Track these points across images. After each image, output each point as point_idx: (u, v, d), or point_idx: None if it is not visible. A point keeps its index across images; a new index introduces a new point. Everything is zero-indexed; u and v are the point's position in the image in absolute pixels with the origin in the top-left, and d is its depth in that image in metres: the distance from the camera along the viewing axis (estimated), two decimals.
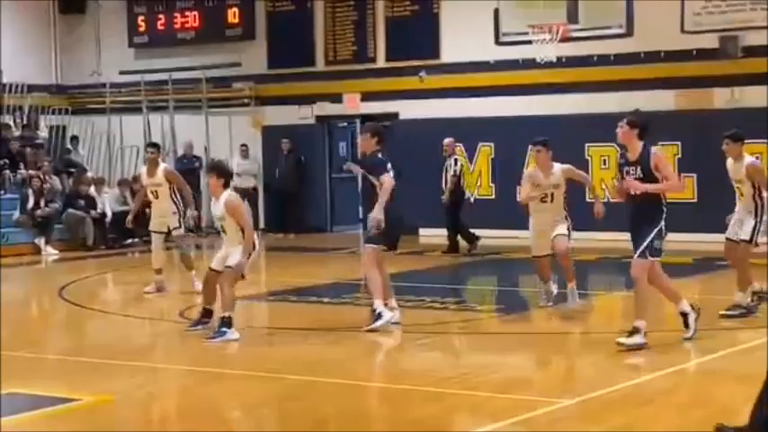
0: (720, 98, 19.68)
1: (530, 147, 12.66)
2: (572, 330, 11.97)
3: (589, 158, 20.66)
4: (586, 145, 20.53)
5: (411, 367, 10.06)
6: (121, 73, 25.81)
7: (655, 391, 8.78)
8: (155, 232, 14.96)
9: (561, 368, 10.14)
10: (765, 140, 19.20)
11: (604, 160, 20.51)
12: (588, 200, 15.12)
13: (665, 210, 10.11)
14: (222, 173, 11.30)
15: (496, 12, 21.33)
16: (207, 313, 11.57)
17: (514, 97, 21.21)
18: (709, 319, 11.14)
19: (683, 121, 19.60)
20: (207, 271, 11.64)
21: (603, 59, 20.60)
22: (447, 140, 19.29)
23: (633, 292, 10.32)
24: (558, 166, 12.69)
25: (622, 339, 10.00)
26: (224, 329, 10.98)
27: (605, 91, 20.37)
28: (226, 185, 11.24)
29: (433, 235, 20.41)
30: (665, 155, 9.76)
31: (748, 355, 10.07)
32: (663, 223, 10.03)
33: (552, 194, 12.61)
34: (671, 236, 10.44)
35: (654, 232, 9.95)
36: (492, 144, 21.47)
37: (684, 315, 10.40)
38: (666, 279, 10.39)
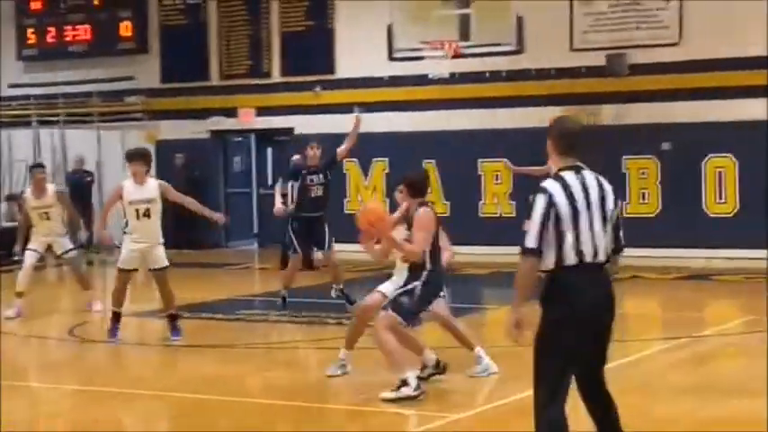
0: (608, 115, 20.07)
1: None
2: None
3: (482, 174, 20.94)
4: (479, 161, 20.81)
5: (306, 384, 10.11)
6: (10, 86, 25.44)
7: None
8: (31, 250, 14.72)
9: (456, 381, 10.25)
10: (651, 156, 19.68)
11: (497, 175, 20.80)
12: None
13: (426, 272, 9.34)
14: (147, 159, 12.42)
15: (390, 28, 21.52)
16: (117, 317, 12.28)
17: (408, 113, 21.40)
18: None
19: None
20: (119, 273, 12.16)
21: (495, 76, 20.89)
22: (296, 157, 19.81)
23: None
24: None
25: (386, 395, 9.06)
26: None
27: (497, 107, 20.66)
28: (148, 171, 12.37)
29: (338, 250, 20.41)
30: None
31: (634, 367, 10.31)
32: (419, 285, 9.30)
33: None
34: None
35: (404, 289, 9.34)
36: (386, 159, 21.63)
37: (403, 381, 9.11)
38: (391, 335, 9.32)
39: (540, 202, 6.08)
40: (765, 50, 18.78)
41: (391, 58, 21.68)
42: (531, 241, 6.03)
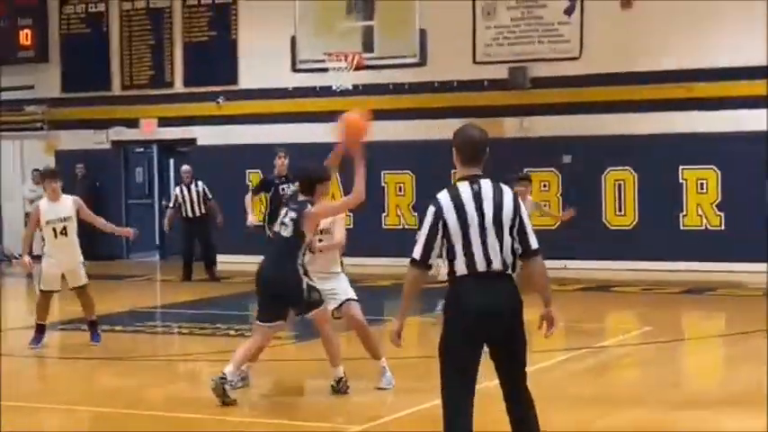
0: (510, 127, 20.30)
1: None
2: (364, 355, 12.12)
3: (385, 185, 21.01)
4: (383, 172, 20.87)
5: (205, 395, 10.03)
6: None
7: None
8: None
9: (356, 393, 10.26)
10: (552, 169, 19.93)
11: (400, 187, 20.90)
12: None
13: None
14: (59, 177, 12.68)
15: (293, 39, 21.50)
16: (41, 328, 12.37)
17: (312, 124, 21.37)
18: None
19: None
20: (41, 294, 12.32)
21: (398, 88, 20.99)
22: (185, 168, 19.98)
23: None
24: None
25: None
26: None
27: (400, 119, 20.75)
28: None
29: (231, 261, 20.36)
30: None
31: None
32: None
33: None
34: None
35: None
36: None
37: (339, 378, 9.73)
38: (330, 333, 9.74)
39: (429, 214, 6.17)
40: (661, 66, 19.14)
41: (295, 70, 21.67)
42: (416, 252, 6.14)
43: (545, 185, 20.01)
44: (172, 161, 24.19)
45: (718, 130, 18.84)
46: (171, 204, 20.02)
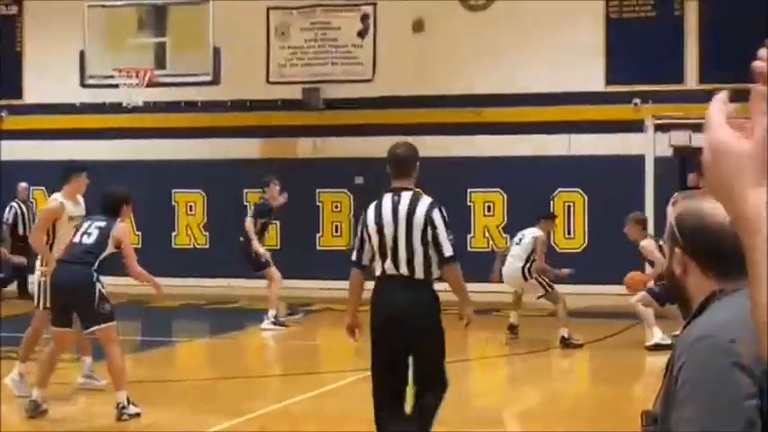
0: (303, 148, 20.31)
1: None
2: (153, 377, 11.90)
3: (175, 204, 20.72)
4: (173, 191, 20.58)
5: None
6: None
7: None
8: None
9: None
10: (344, 189, 20.03)
11: (191, 206, 20.66)
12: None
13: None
14: None
15: (82, 54, 21.00)
16: None
17: (102, 141, 20.91)
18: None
19: (268, 168, 20.07)
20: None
21: (191, 106, 20.75)
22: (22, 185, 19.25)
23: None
24: None
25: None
26: None
27: (192, 137, 20.52)
28: None
29: None
30: None
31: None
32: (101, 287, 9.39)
33: None
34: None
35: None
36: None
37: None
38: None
39: (360, 222, 7.15)
40: (453, 90, 19.49)
41: (83, 85, 21.15)
42: (353, 255, 7.08)
43: (337, 206, 20.10)
44: None
45: (504, 153, 19.30)
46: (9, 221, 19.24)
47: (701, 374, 2.30)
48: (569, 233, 19.02)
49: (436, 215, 6.93)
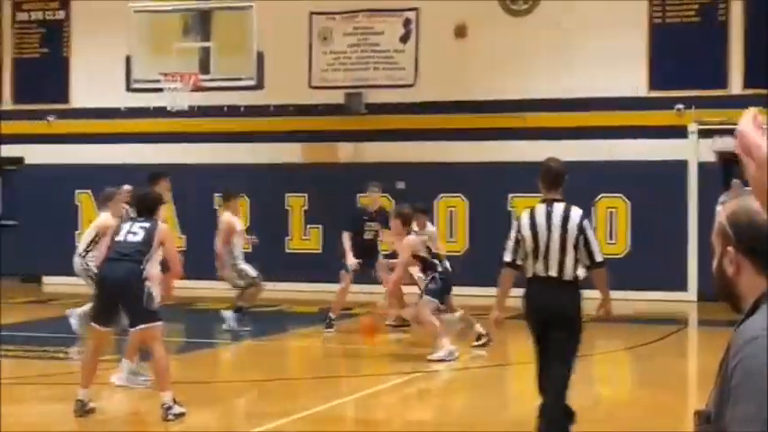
0: (345, 152, 20.41)
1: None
2: (197, 378, 12.01)
3: (218, 208, 20.83)
4: (215, 195, 20.72)
5: (31, 419, 9.79)
6: None
7: None
8: None
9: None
10: (386, 194, 20.08)
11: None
12: None
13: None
14: None
15: (128, 59, 21.19)
16: None
17: (146, 145, 21.11)
18: None
19: (309, 173, 20.19)
20: None
21: (234, 110, 20.90)
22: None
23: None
24: None
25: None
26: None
27: (235, 141, 20.66)
28: None
29: (59, 283, 19.90)
30: None
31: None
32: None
33: None
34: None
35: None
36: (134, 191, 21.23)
37: None
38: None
39: (512, 228, 7.98)
40: (496, 95, 19.52)
41: (129, 90, 21.35)
42: (506, 256, 7.91)
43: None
44: None
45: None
46: None
47: (756, 373, 2.32)
48: (612, 238, 18.99)
49: (587, 224, 7.92)
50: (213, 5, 20.00)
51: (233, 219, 15.11)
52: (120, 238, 9.71)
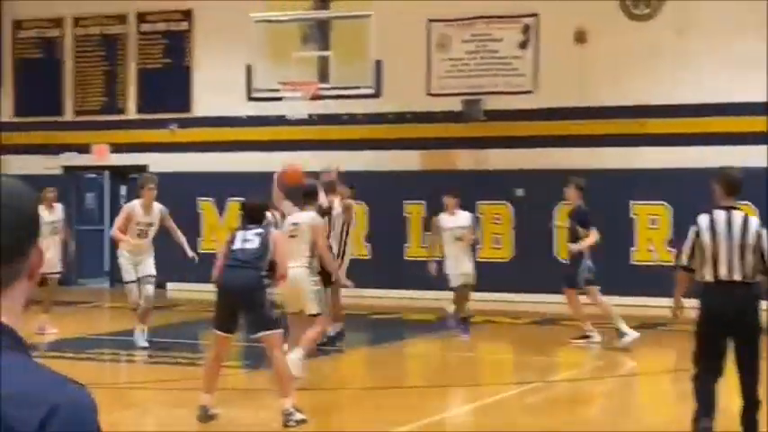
0: (463, 159, 20.35)
1: None
2: (316, 386, 12.07)
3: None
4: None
5: (158, 424, 9.94)
6: None
7: None
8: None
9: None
10: (505, 201, 19.99)
11: None
12: None
13: None
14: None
15: (249, 68, 21.46)
16: None
17: (266, 153, 21.32)
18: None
19: (428, 180, 20.17)
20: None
21: (352, 118, 21.00)
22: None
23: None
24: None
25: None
26: None
27: (353, 149, 20.75)
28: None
29: (182, 290, 20.22)
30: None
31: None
32: None
33: None
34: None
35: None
36: (242, 199, 21.50)
37: None
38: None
39: (690, 231, 8.43)
40: (613, 101, 19.29)
41: (250, 98, 21.62)
42: (682, 260, 8.49)
43: (498, 218, 20.06)
44: (123, 187, 24.02)
45: (668, 165, 18.98)
46: None
47: None
48: None
49: (764, 232, 8.37)
50: (332, 15, 20.13)
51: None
52: (236, 246, 9.79)
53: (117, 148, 23.00)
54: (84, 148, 23.29)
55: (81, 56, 23.36)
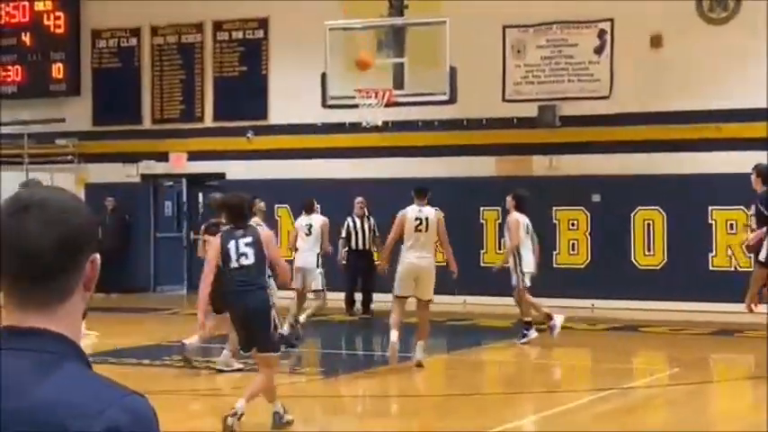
0: (539, 165, 20.28)
1: None
2: (389, 393, 12.10)
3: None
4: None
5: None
6: None
7: None
8: None
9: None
10: (581, 207, 19.88)
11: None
12: None
13: None
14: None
15: (324, 75, 21.57)
16: None
17: (341, 160, 21.45)
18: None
19: (503, 187, 20.10)
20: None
21: (427, 125, 21.02)
22: (359, 199, 19.64)
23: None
24: None
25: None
26: None
27: (429, 156, 20.77)
28: None
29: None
30: None
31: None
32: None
33: None
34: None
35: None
36: (318, 207, 21.62)
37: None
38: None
39: None
40: (692, 106, 19.11)
41: (325, 106, 21.72)
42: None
43: (573, 224, 19.96)
44: (201, 195, 24.25)
45: (747, 170, 18.72)
46: (343, 235, 19.70)
47: None
48: None
49: None
50: (406, 21, 20.17)
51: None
52: (233, 264, 9.86)
53: (194, 156, 23.25)
54: (161, 156, 23.58)
55: (158, 65, 23.66)
